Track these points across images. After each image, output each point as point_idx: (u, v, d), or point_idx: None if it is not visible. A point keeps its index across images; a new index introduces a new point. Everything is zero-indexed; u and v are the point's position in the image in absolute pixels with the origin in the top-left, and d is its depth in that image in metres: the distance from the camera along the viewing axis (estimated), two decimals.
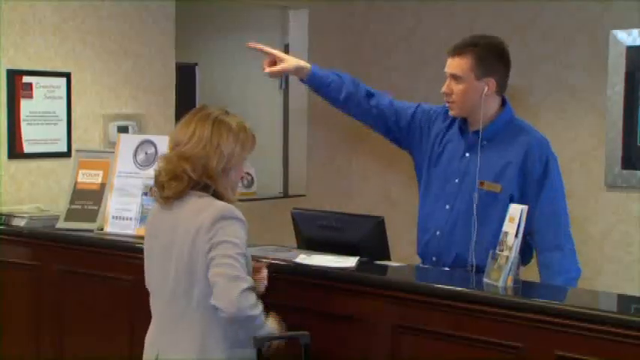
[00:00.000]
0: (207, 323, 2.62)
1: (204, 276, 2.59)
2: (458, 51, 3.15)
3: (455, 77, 3.15)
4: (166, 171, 2.65)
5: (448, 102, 3.21)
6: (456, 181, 3.21)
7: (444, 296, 2.76)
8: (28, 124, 4.36)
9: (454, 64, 3.15)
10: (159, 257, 2.71)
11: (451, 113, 3.24)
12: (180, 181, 2.63)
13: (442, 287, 2.83)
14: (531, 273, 3.36)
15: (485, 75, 3.13)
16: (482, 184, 3.13)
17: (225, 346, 2.64)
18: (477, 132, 3.19)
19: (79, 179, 3.99)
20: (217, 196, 2.68)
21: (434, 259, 3.25)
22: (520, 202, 3.00)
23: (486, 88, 3.13)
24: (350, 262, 3.00)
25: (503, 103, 3.23)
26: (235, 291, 2.54)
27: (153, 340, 2.76)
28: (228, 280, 2.54)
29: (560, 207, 3.18)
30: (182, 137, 2.67)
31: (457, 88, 3.15)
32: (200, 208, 2.62)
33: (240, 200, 5.66)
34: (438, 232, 3.23)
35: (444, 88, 3.19)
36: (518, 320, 2.59)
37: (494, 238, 2.85)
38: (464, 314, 2.70)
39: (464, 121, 3.24)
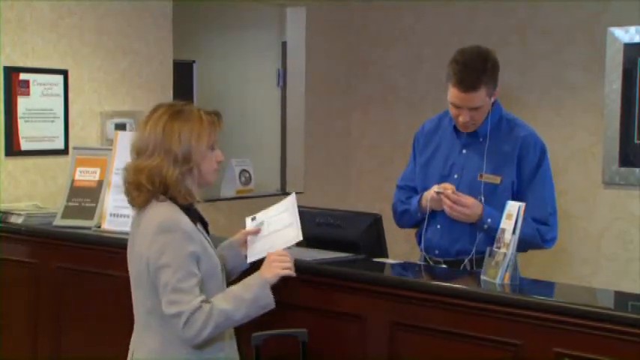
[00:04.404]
0: (165, 326, 2.60)
1: (151, 285, 2.59)
2: (472, 87, 3.12)
3: (475, 108, 3.17)
4: (129, 183, 2.66)
5: (466, 124, 3.23)
6: (455, 176, 3.30)
7: (441, 293, 2.76)
8: (25, 121, 4.35)
9: (473, 100, 3.14)
10: (132, 257, 2.73)
11: (467, 130, 3.27)
12: (140, 192, 2.63)
13: (440, 284, 2.83)
14: (531, 270, 3.37)
15: (494, 90, 3.20)
16: (481, 177, 3.23)
17: (187, 347, 2.61)
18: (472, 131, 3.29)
19: (77, 177, 3.99)
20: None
21: (437, 252, 3.32)
22: (517, 187, 3.20)
23: (494, 98, 3.23)
24: (295, 234, 2.86)
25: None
26: (179, 328, 2.52)
27: (132, 338, 2.77)
28: (171, 318, 2.54)
29: (549, 190, 3.27)
30: (140, 145, 2.66)
31: (478, 114, 3.20)
32: (152, 213, 2.62)
33: (238, 197, 5.69)
34: (439, 226, 3.30)
35: (464, 119, 3.19)
36: (517, 317, 2.59)
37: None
38: (462, 311, 2.70)
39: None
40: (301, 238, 2.84)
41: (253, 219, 3.01)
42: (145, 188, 2.61)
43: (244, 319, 2.62)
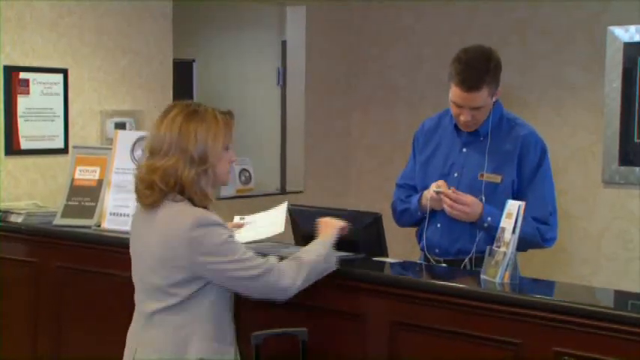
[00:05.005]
0: (182, 321, 2.62)
1: (178, 281, 2.60)
2: (474, 86, 3.11)
3: (477, 107, 3.17)
4: (141, 181, 2.65)
5: (467, 124, 3.23)
6: (456, 175, 3.30)
7: (441, 292, 2.75)
8: (25, 120, 4.35)
9: (475, 99, 3.14)
10: (139, 255, 2.73)
11: (468, 129, 3.28)
12: (153, 191, 2.62)
13: (440, 284, 2.83)
14: (530, 270, 3.37)
15: (496, 89, 3.20)
16: (481, 176, 3.23)
17: (202, 343, 2.62)
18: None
19: (77, 176, 3.98)
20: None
21: (437, 251, 3.32)
22: (517, 186, 3.20)
23: (495, 98, 3.23)
24: (277, 228, 3.09)
25: None
26: (273, 281, 2.62)
27: (132, 335, 2.76)
28: (260, 277, 2.60)
29: (549, 190, 3.28)
30: (154, 145, 2.66)
31: (479, 113, 3.20)
32: (174, 213, 2.61)
33: (238, 197, 5.68)
34: (439, 225, 3.30)
35: (465, 118, 3.19)
36: (517, 317, 2.59)
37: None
38: (462, 310, 2.70)
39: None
40: (283, 230, 3.06)
41: (242, 219, 3.11)
42: (157, 188, 2.60)
43: (323, 273, 2.79)
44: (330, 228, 2.94)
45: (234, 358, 2.71)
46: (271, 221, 3.16)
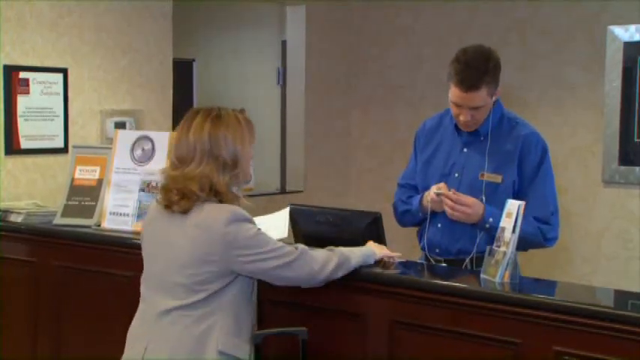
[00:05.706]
0: (202, 315, 2.62)
1: (204, 277, 2.61)
2: (473, 86, 3.11)
3: (476, 107, 3.17)
4: (177, 190, 2.65)
5: (467, 123, 3.23)
6: (456, 175, 3.30)
7: (441, 292, 2.75)
8: (25, 120, 4.35)
9: (474, 99, 3.14)
10: (160, 256, 2.71)
11: (468, 129, 3.28)
12: (189, 199, 2.64)
13: (440, 283, 2.83)
14: (531, 269, 3.37)
15: (496, 89, 3.20)
16: (482, 176, 3.24)
17: (221, 336, 2.62)
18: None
19: (77, 175, 3.98)
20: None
21: (437, 250, 3.33)
22: (518, 186, 3.20)
23: (495, 97, 3.23)
24: (281, 229, 3.17)
25: None
26: (306, 264, 2.68)
27: (139, 333, 2.72)
28: (294, 261, 2.66)
29: (550, 189, 3.28)
30: (185, 153, 2.67)
31: (478, 113, 3.20)
32: (206, 212, 2.62)
33: None
34: (439, 225, 3.30)
35: (465, 118, 3.19)
36: (516, 316, 2.59)
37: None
38: (462, 310, 2.70)
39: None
40: (286, 235, 3.09)
41: None
42: (194, 195, 2.62)
43: (355, 266, 2.85)
44: (375, 246, 3.02)
45: (249, 356, 2.70)
46: (274, 225, 3.19)
